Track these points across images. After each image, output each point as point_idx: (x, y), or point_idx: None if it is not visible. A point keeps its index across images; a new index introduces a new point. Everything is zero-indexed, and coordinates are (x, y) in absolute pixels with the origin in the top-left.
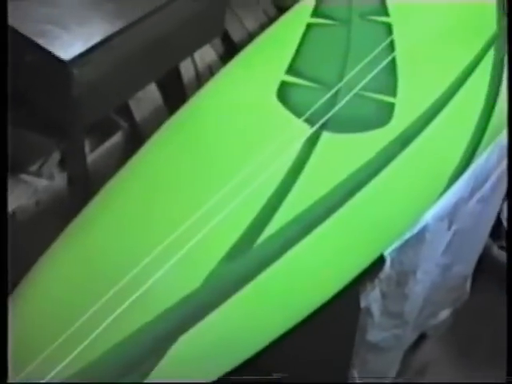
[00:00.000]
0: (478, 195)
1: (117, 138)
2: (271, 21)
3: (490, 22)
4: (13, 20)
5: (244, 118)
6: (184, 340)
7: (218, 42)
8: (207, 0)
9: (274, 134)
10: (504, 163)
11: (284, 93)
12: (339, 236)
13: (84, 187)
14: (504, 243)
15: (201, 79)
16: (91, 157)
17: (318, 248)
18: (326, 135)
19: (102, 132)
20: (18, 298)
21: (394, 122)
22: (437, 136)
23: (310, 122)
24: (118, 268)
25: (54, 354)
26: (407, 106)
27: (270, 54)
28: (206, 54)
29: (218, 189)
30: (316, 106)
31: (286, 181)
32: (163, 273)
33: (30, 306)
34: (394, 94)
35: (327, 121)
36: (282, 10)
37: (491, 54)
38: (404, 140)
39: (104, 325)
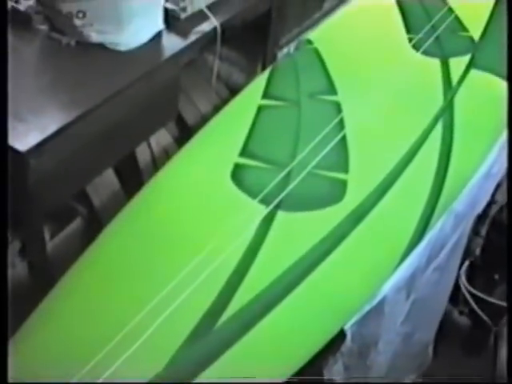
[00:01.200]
0: (434, 264)
1: (75, 225)
2: (224, 102)
3: (436, 96)
4: None
5: (200, 202)
6: None
7: (172, 124)
8: (160, 85)
9: (230, 216)
10: (458, 232)
11: (238, 175)
12: (298, 313)
13: (45, 275)
14: (463, 308)
15: (157, 163)
16: (51, 244)
17: (278, 326)
18: (281, 214)
19: (61, 219)
20: None
21: (347, 198)
22: (390, 210)
23: (265, 202)
24: (80, 355)
25: None
26: (359, 182)
27: (224, 137)
28: (162, 137)
29: (176, 273)
30: (270, 187)
31: (244, 262)
32: (125, 359)
33: None
34: (346, 170)
35: (282, 200)
36: (233, 91)
37: (439, 127)
38: (358, 215)
39: None
